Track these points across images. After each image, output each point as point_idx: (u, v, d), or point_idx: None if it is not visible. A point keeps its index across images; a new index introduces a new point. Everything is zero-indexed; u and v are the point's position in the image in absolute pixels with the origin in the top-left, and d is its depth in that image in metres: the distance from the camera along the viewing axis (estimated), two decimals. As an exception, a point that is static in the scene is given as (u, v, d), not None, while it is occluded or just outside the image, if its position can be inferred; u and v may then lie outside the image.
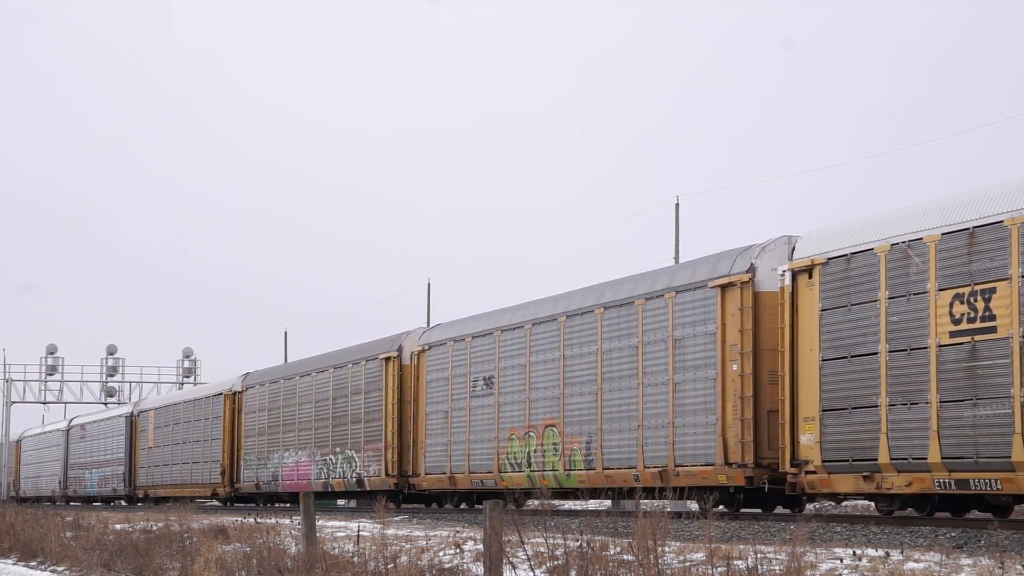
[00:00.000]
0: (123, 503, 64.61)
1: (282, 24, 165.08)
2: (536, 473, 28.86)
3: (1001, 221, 18.26)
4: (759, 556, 12.98)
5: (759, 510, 24.22)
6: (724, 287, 23.62)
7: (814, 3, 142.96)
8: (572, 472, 27.61)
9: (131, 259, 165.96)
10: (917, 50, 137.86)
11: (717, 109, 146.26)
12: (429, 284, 66.32)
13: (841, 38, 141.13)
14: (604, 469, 26.64)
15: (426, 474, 33.66)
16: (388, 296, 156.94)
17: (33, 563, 28.32)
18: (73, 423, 72.12)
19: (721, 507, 24.01)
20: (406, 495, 35.66)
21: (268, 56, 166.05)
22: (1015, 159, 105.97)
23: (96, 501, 68.73)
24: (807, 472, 21.47)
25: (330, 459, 39.21)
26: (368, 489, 36.77)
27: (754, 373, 22.89)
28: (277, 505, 45.48)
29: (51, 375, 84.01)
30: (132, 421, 60.14)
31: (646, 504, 30.17)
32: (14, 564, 28.81)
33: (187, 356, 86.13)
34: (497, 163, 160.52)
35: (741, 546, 14.36)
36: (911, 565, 13.05)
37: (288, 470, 42.34)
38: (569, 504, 33.89)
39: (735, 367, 23.20)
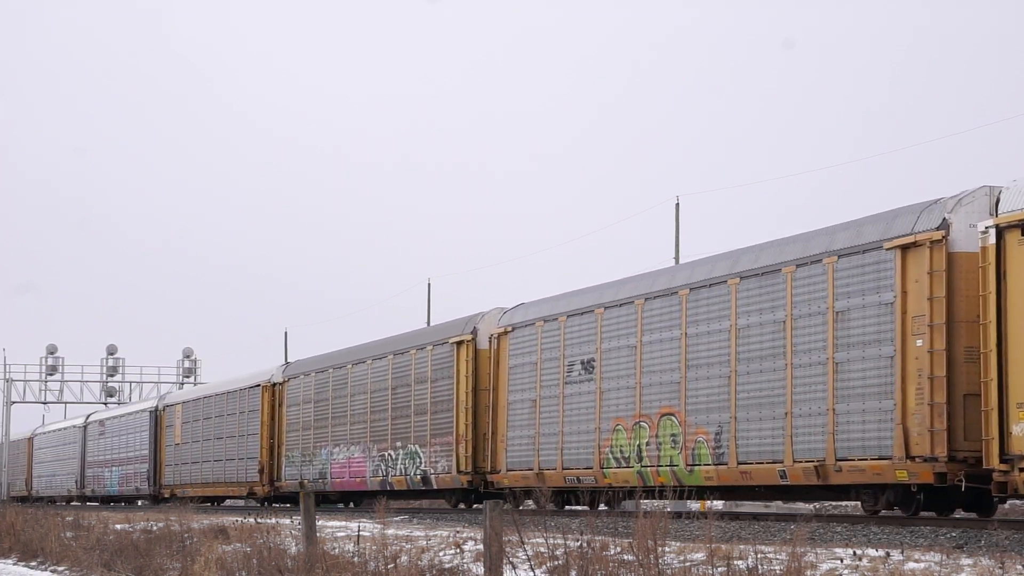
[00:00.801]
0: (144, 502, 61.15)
1: (282, 24, 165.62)
2: (648, 469, 25.21)
3: None
4: (759, 556, 12.94)
5: (934, 513, 20.58)
6: (904, 248, 19.95)
7: (814, 3, 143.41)
8: (696, 467, 23.95)
9: (131, 259, 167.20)
10: (917, 50, 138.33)
11: (717, 109, 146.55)
12: (429, 284, 66.22)
13: (841, 38, 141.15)
14: (739, 464, 22.97)
15: (507, 470, 29.99)
16: (388, 296, 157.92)
17: (33, 563, 28.13)
18: (91, 419, 68.46)
19: (895, 508, 20.39)
20: (481, 493, 32.00)
21: (268, 56, 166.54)
22: (1015, 159, 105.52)
23: (116, 501, 65.07)
24: (1021, 469, 17.81)
25: (389, 455, 35.56)
26: (436, 488, 33.12)
27: (947, 350, 19.23)
28: (322, 505, 41.83)
29: (51, 375, 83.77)
30: (157, 416, 56.49)
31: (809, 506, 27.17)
32: (14, 564, 28.73)
33: (187, 356, 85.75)
34: (497, 163, 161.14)
35: (741, 546, 14.29)
36: (911, 565, 12.99)
37: (338, 467, 38.69)
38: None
39: (920, 342, 19.52)
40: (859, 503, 21.54)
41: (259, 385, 45.15)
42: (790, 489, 23.19)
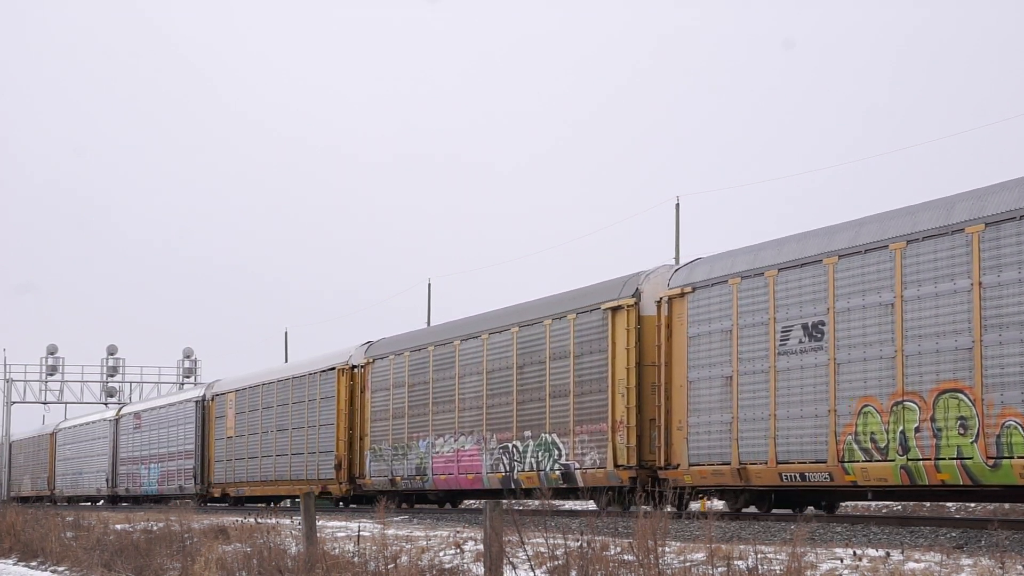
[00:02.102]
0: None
1: (282, 24, 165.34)
2: (921, 463, 19.28)
3: None
4: (759, 556, 12.90)
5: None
6: None
7: (814, 3, 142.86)
8: (1004, 461, 18.00)
9: (131, 259, 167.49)
10: (917, 50, 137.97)
11: (717, 109, 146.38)
12: (429, 284, 65.14)
13: (841, 38, 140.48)
14: (1078, 455, 17.06)
15: (690, 465, 24.07)
16: (388, 296, 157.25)
17: (33, 563, 28.09)
18: (124, 411, 62.54)
19: None
20: (649, 493, 26.06)
21: (268, 56, 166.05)
22: (1015, 159, 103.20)
23: (154, 501, 59.13)
24: None
25: (514, 446, 29.63)
26: (582, 485, 27.16)
27: None
28: (417, 506, 35.92)
29: (51, 375, 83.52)
30: (204, 406, 50.55)
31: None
32: (14, 564, 28.62)
33: (187, 356, 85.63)
34: (497, 163, 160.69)
35: (741, 546, 14.14)
36: (911, 565, 12.91)
37: (442, 461, 32.76)
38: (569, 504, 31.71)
39: None
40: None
41: (334, 368, 39.22)
42: None
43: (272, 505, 48.10)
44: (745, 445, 22.77)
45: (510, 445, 29.82)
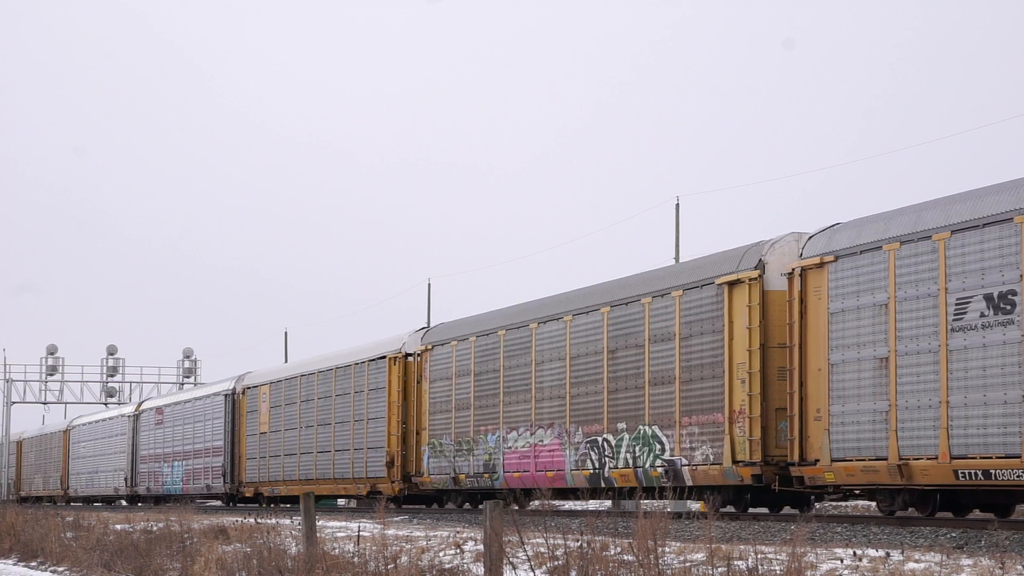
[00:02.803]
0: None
1: (283, 25, 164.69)
2: None
3: None
4: (759, 556, 12.90)
5: None
6: None
7: (814, 3, 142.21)
8: None
9: (131, 259, 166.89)
10: (916, 50, 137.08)
11: (717, 109, 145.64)
12: (429, 284, 64.97)
13: (840, 38, 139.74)
14: None
15: (833, 460, 20.79)
16: (388, 296, 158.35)
17: (33, 563, 28.05)
18: (144, 406, 59.25)
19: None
20: (777, 493, 22.83)
21: (268, 56, 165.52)
22: (1015, 159, 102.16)
23: (178, 500, 55.81)
24: None
25: (604, 440, 26.39)
26: (690, 483, 23.90)
27: None
28: (473, 508, 32.60)
29: (51, 375, 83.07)
30: (235, 400, 47.27)
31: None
32: (14, 564, 28.55)
33: (187, 356, 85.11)
34: (497, 163, 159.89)
35: (741, 546, 14.12)
36: (911, 565, 12.89)
37: (516, 457, 29.51)
38: (569, 504, 31.55)
39: None
40: None
41: (384, 357, 35.94)
42: None
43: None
44: (907, 438, 19.50)
45: (600, 439, 26.57)
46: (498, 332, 30.65)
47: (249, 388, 45.96)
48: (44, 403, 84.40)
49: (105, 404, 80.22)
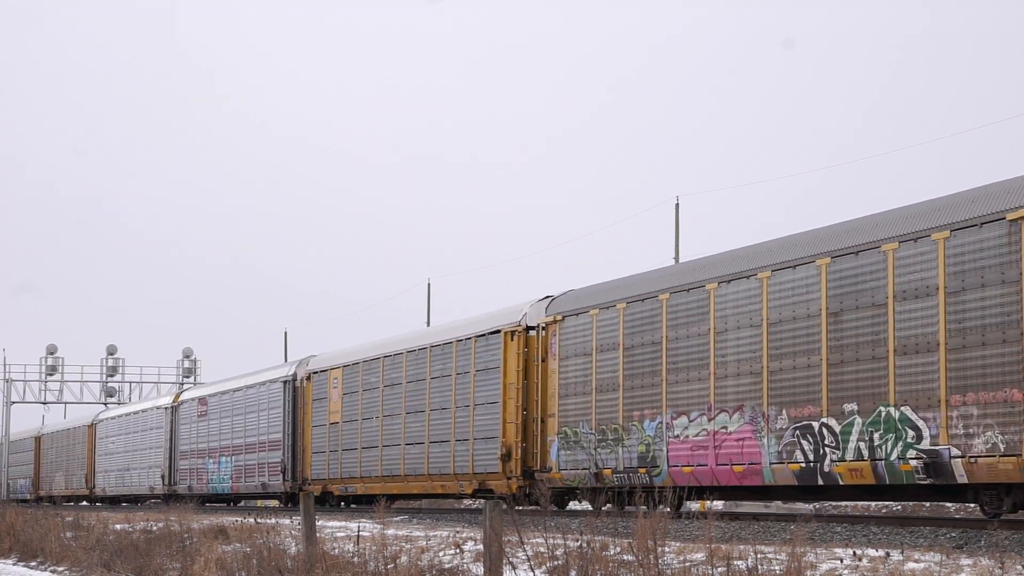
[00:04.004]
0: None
1: (283, 24, 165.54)
2: None
3: None
4: (759, 556, 12.82)
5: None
6: None
7: (814, 3, 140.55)
8: None
9: (131, 259, 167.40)
10: (916, 50, 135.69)
11: (717, 108, 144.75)
12: (429, 284, 64.03)
13: (841, 38, 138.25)
14: None
15: None
16: (388, 296, 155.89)
17: (33, 563, 28.12)
18: (184, 396, 53.77)
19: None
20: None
21: (269, 55, 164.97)
22: (1015, 159, 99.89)
23: (225, 501, 50.43)
24: None
25: (823, 425, 20.87)
26: (966, 481, 18.40)
27: None
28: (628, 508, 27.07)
29: (51, 375, 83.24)
30: (296, 387, 41.81)
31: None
32: (14, 564, 28.60)
33: (187, 356, 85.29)
34: (497, 163, 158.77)
35: (741, 546, 14.10)
36: (911, 565, 12.81)
37: (685, 448, 24.03)
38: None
39: None
40: None
41: (499, 331, 30.47)
42: None
43: (387, 504, 39.57)
44: None
45: (816, 424, 21.08)
46: (658, 296, 25.17)
47: (316, 373, 40.49)
48: (44, 403, 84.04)
49: (105, 404, 79.75)
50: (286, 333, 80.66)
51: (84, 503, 66.20)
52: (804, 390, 21.39)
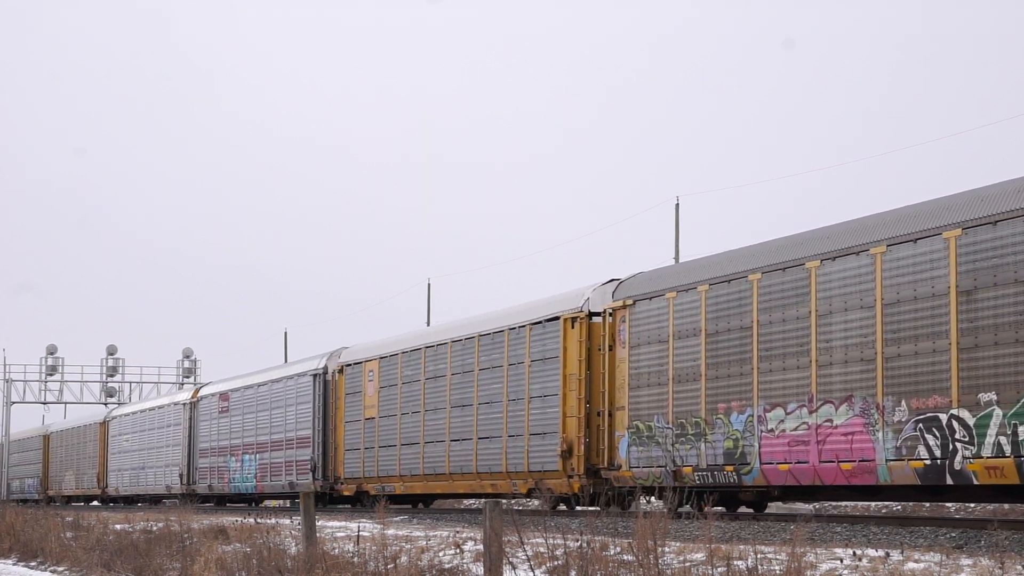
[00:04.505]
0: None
1: (283, 24, 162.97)
2: None
3: None
4: (759, 556, 12.82)
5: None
6: None
7: (814, 3, 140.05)
8: None
9: (131, 259, 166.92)
10: (916, 50, 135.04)
11: (717, 109, 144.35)
12: (429, 284, 63.79)
13: (841, 38, 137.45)
14: None
15: None
16: (388, 296, 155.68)
17: (33, 563, 28.07)
18: (204, 392, 51.37)
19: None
20: None
21: (269, 56, 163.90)
22: (1015, 159, 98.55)
23: (248, 501, 48.01)
24: None
25: (952, 417, 18.47)
26: None
27: None
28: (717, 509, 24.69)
29: (51, 375, 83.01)
30: (328, 381, 39.46)
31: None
32: (14, 564, 28.63)
33: (187, 356, 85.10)
34: (497, 163, 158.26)
35: (741, 546, 14.10)
36: (911, 565, 12.84)
37: (781, 443, 21.64)
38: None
39: None
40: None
41: (558, 318, 28.11)
42: None
43: (424, 505, 37.16)
44: None
45: (943, 416, 18.70)
46: (747, 276, 22.81)
47: (349, 365, 38.14)
48: (44, 403, 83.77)
49: (105, 404, 79.15)
50: (286, 333, 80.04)
51: (96, 503, 63.84)
52: (928, 378, 19.02)
